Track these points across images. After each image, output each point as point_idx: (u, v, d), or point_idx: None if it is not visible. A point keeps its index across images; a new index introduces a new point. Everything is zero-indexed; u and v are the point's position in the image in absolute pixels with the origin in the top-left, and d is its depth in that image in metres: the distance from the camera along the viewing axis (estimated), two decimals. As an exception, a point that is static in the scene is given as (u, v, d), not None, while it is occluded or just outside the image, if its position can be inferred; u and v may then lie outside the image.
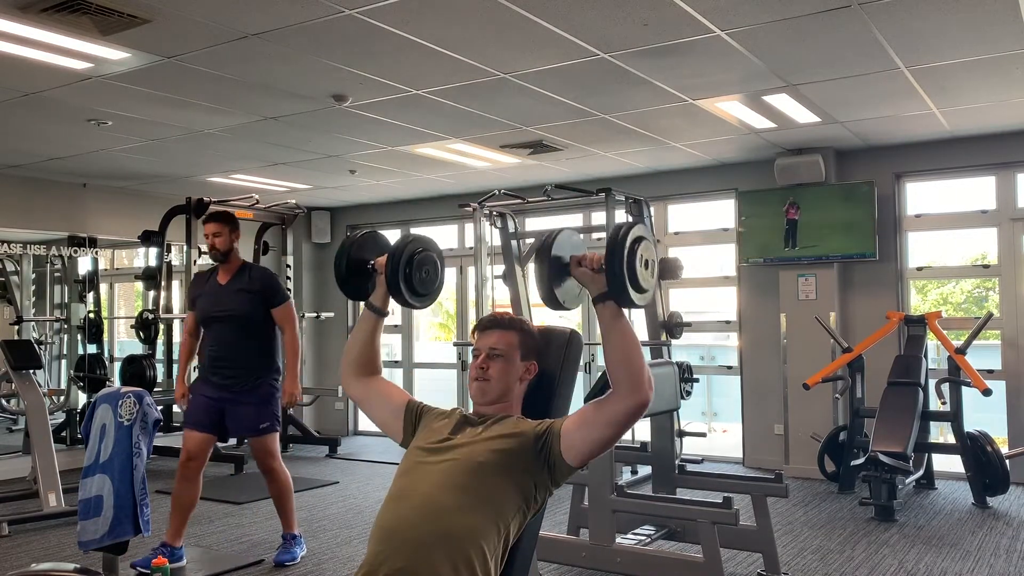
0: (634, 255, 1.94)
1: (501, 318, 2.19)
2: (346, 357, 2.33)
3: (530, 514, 2.02)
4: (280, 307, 4.40)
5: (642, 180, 7.52)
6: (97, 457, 3.44)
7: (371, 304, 2.32)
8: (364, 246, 2.38)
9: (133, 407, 3.47)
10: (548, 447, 1.98)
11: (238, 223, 4.48)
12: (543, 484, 2.01)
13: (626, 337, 1.93)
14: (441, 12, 3.66)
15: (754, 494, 4.16)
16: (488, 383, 2.10)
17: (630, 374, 1.91)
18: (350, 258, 2.35)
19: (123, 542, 3.48)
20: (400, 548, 1.88)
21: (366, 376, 2.32)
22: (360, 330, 2.33)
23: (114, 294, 9.12)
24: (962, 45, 4.24)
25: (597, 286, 1.96)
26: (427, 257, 2.30)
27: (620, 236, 1.95)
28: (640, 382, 1.91)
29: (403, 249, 2.26)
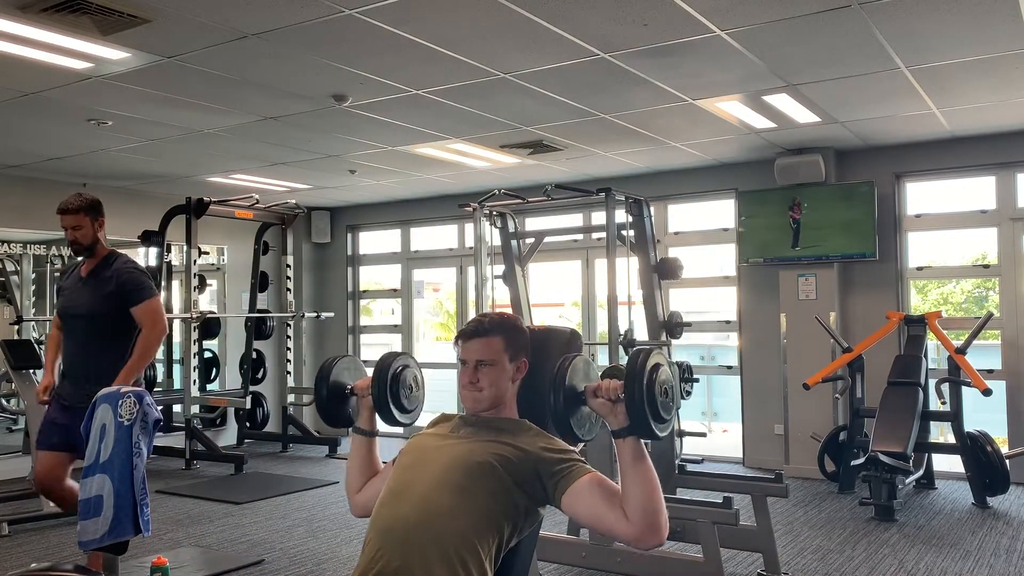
0: (653, 384, 1.88)
1: (481, 324, 2.11)
2: (349, 487, 2.32)
3: (523, 524, 1.98)
4: (141, 305, 3.71)
5: (642, 180, 7.52)
6: (97, 457, 3.43)
7: (359, 428, 2.34)
8: (340, 371, 2.41)
9: (133, 407, 3.46)
10: (555, 484, 1.93)
11: (101, 208, 3.81)
12: (535, 504, 1.97)
13: (648, 479, 1.84)
14: (441, 12, 3.66)
15: (754, 494, 4.16)
16: (481, 393, 2.07)
17: (648, 516, 1.82)
18: (329, 385, 2.37)
19: (123, 542, 3.47)
20: (397, 547, 1.88)
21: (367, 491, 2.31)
22: (356, 456, 2.33)
23: (114, 294, 9.10)
24: (962, 45, 4.24)
25: (616, 419, 1.88)
26: (409, 373, 2.34)
27: (638, 368, 1.87)
28: (657, 527, 1.83)
29: (387, 369, 2.29)
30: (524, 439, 2.00)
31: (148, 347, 3.73)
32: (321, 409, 2.39)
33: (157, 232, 7.52)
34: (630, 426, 1.87)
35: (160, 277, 7.47)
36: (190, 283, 7.39)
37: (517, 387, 2.15)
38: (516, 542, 2.00)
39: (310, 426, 8.82)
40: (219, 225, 8.13)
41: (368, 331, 9.80)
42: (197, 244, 7.46)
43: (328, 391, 2.37)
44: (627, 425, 1.87)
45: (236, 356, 8.67)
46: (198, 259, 7.51)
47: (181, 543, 4.90)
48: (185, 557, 4.61)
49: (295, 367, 8.74)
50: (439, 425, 2.16)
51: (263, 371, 8.57)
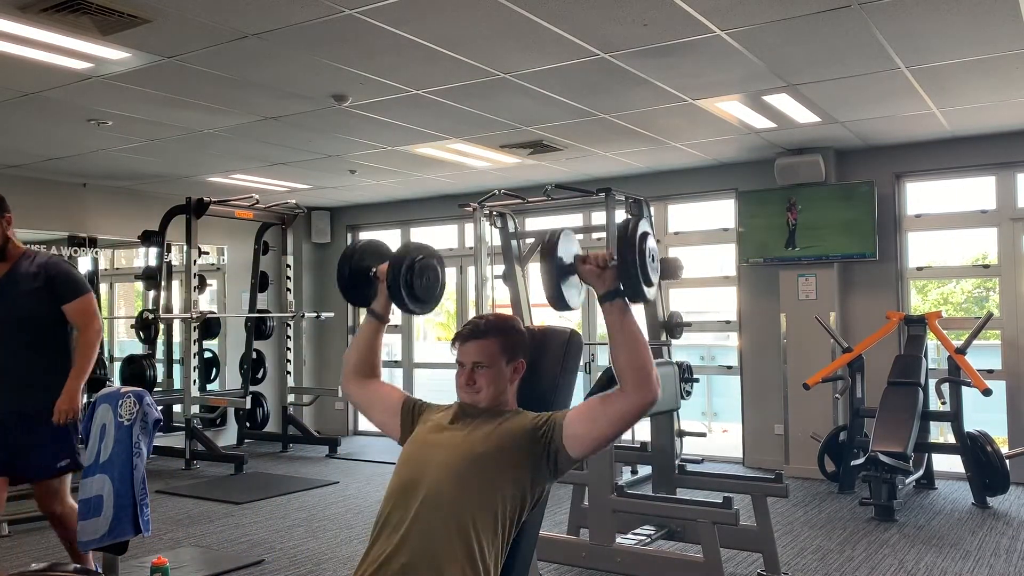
0: (644, 251, 1.99)
1: (477, 326, 2.14)
2: (347, 362, 2.35)
3: (529, 506, 2.02)
4: (75, 302, 3.47)
5: (642, 180, 7.52)
6: (97, 457, 3.43)
7: (373, 311, 2.34)
8: (366, 253, 2.40)
9: (133, 407, 3.46)
10: (549, 437, 1.98)
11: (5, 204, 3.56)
12: (541, 476, 2.01)
13: (635, 336, 1.94)
14: (441, 12, 3.66)
15: (754, 494, 4.16)
16: (479, 393, 2.10)
17: (638, 373, 1.91)
18: (352, 266, 2.37)
19: (123, 542, 3.47)
20: (404, 542, 1.89)
21: (366, 379, 2.34)
22: (362, 336, 2.35)
23: (114, 294, 9.12)
24: (962, 45, 4.24)
25: (604, 284, 1.96)
26: (428, 264, 2.32)
27: (630, 231, 1.99)
28: (648, 381, 1.91)
29: (404, 256, 2.28)
30: (520, 418, 2.05)
31: (90, 349, 3.47)
32: (343, 289, 2.39)
33: (157, 232, 7.52)
34: (623, 287, 1.97)
35: (160, 277, 7.47)
36: (190, 283, 7.39)
37: (516, 387, 2.16)
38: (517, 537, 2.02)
39: (310, 426, 8.82)
40: (219, 225, 8.13)
41: (368, 331, 9.79)
42: (197, 244, 7.46)
43: (351, 271, 2.37)
44: (615, 288, 1.96)
45: (236, 356, 8.67)
46: (198, 259, 7.51)
47: (181, 543, 4.90)
48: (185, 557, 4.61)
49: (295, 367, 8.74)
50: (443, 412, 2.17)
51: (263, 371, 8.57)
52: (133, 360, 7.54)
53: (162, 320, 7.52)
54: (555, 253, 2.05)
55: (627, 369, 1.92)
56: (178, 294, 7.90)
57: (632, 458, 5.61)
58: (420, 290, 2.31)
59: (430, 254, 2.35)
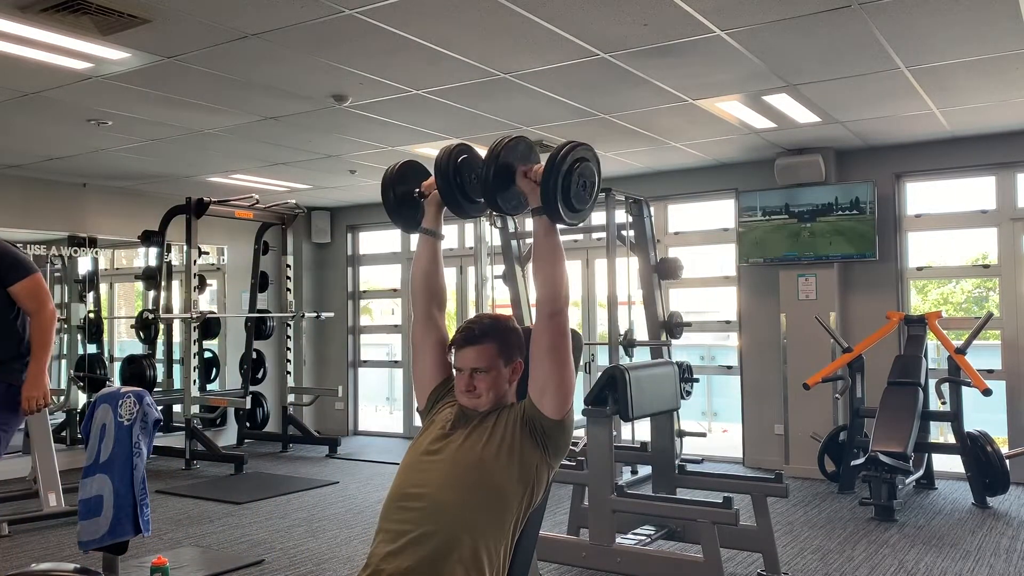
0: (571, 173, 2.02)
1: (472, 332, 2.11)
2: (413, 289, 2.32)
3: (536, 499, 2.02)
4: (21, 283, 3.29)
5: (642, 180, 7.52)
6: (97, 457, 3.44)
7: (425, 228, 2.33)
8: (407, 176, 2.38)
9: (133, 407, 3.47)
10: (531, 417, 2.01)
11: None
12: (544, 463, 2.02)
13: (551, 250, 2.03)
14: (441, 12, 3.66)
15: (754, 494, 4.16)
16: (480, 398, 2.09)
17: (548, 284, 2.01)
18: (396, 192, 2.36)
19: (123, 542, 3.48)
20: (406, 549, 1.88)
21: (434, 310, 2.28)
22: (421, 256, 2.33)
23: (114, 294, 9.13)
24: (962, 45, 4.24)
25: (535, 199, 2.04)
26: (471, 160, 2.24)
27: (562, 153, 2.01)
28: (556, 291, 2.00)
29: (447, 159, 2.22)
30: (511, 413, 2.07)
31: (45, 334, 3.29)
32: (392, 214, 2.38)
33: (157, 232, 7.53)
34: (542, 207, 2.03)
35: (160, 277, 7.48)
36: (190, 283, 7.39)
37: (515, 386, 2.16)
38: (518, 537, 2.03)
39: (310, 426, 8.82)
40: (219, 225, 8.13)
41: (368, 331, 9.79)
42: (197, 244, 7.46)
43: (396, 197, 2.35)
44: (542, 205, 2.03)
45: (236, 356, 8.67)
46: (198, 259, 7.51)
47: (181, 543, 4.90)
48: (185, 557, 4.61)
49: (295, 367, 8.74)
50: (446, 411, 2.16)
51: (263, 371, 8.57)
52: (133, 360, 7.54)
53: (162, 320, 7.53)
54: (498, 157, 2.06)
55: (539, 278, 2.03)
56: (178, 294, 7.91)
57: (632, 458, 5.62)
58: (471, 189, 2.24)
59: (471, 152, 2.26)
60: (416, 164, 2.42)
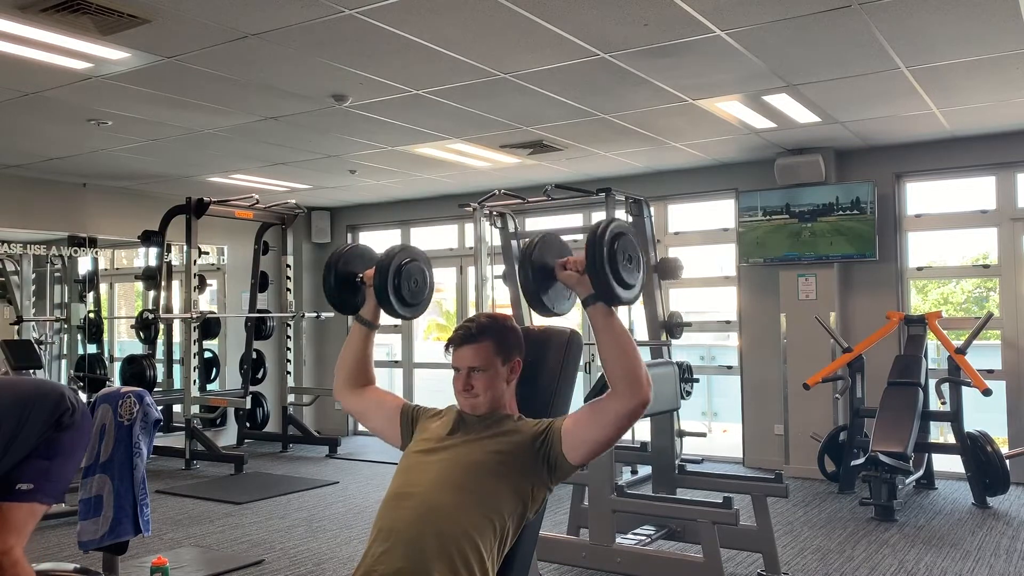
0: (615, 252, 1.94)
1: (469, 331, 2.10)
2: (339, 372, 2.33)
3: (529, 514, 2.01)
4: None
5: (642, 180, 7.52)
6: (97, 457, 3.44)
7: (361, 317, 2.33)
8: (351, 259, 2.38)
9: (133, 407, 3.47)
10: (548, 446, 1.97)
11: None
12: (541, 484, 2.00)
13: (620, 338, 1.91)
14: (441, 12, 3.66)
15: (754, 494, 4.16)
16: (477, 398, 2.07)
17: (627, 375, 1.88)
18: (338, 272, 2.34)
19: (123, 542, 3.48)
20: (398, 549, 1.88)
21: (360, 387, 2.32)
22: (352, 344, 2.33)
23: (114, 294, 9.12)
24: (962, 45, 4.24)
25: (584, 288, 1.94)
26: (415, 267, 2.31)
27: (598, 235, 1.93)
28: (639, 382, 1.88)
29: (391, 260, 2.26)
30: (518, 432, 2.03)
31: None
32: (330, 298, 2.37)
33: (157, 232, 7.53)
34: (596, 292, 1.93)
35: (160, 277, 7.47)
36: (190, 283, 7.39)
37: (514, 387, 2.15)
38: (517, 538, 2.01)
39: (310, 426, 8.82)
40: (219, 225, 8.13)
41: (368, 331, 9.79)
42: (197, 244, 7.46)
43: (336, 279, 2.34)
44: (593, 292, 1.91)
45: (236, 356, 8.67)
46: (198, 259, 7.51)
47: (181, 543, 4.90)
48: (185, 557, 4.61)
49: (295, 367, 8.74)
50: (442, 418, 2.16)
51: (263, 371, 8.57)
52: (133, 360, 7.54)
53: (162, 320, 7.53)
54: (532, 259, 2.03)
55: (616, 373, 1.90)
56: (178, 294, 7.91)
57: (632, 458, 5.62)
58: (408, 294, 2.29)
59: (416, 256, 2.33)
60: (365, 250, 2.44)
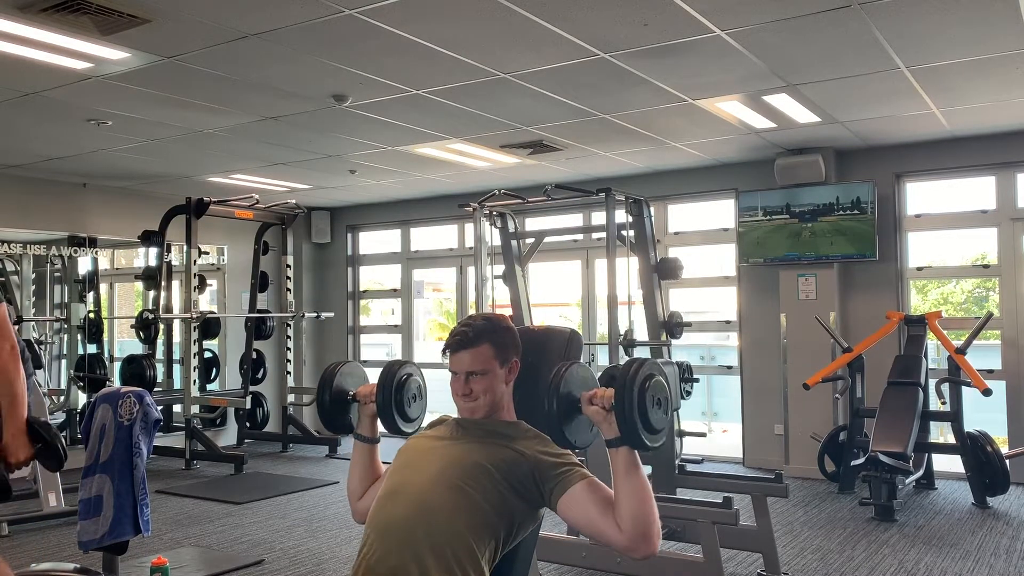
0: (644, 395, 1.87)
1: (466, 335, 2.07)
2: (351, 493, 2.32)
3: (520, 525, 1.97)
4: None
5: (642, 180, 7.52)
6: (97, 457, 3.44)
7: (361, 436, 2.33)
8: (342, 378, 2.40)
9: (133, 407, 3.47)
10: (553, 487, 1.93)
11: None
12: (532, 504, 1.96)
13: (640, 488, 1.85)
14: (441, 12, 3.66)
15: (754, 494, 4.16)
16: (476, 402, 2.05)
17: (639, 527, 1.84)
18: (332, 394, 2.36)
19: (123, 542, 3.48)
20: (393, 547, 1.88)
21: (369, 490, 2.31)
22: (358, 464, 2.33)
23: (114, 294, 9.12)
24: (962, 45, 4.24)
25: (608, 428, 1.88)
26: (414, 381, 2.33)
27: (629, 378, 1.86)
28: (648, 537, 1.85)
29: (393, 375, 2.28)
30: (521, 443, 2.00)
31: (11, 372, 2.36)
32: (324, 416, 2.39)
33: (157, 232, 7.53)
34: (622, 436, 1.86)
35: (160, 277, 7.47)
36: (190, 283, 7.39)
37: (512, 387, 2.14)
38: (515, 543, 2.00)
39: (310, 426, 8.82)
40: (219, 225, 8.13)
41: (368, 331, 9.80)
42: (197, 244, 7.46)
43: (331, 397, 2.36)
44: (619, 435, 1.86)
45: (236, 356, 8.67)
46: (198, 259, 7.51)
47: (181, 543, 4.90)
48: (185, 557, 4.61)
49: (295, 367, 8.74)
50: (437, 427, 2.15)
51: (263, 371, 8.57)
52: (133, 360, 7.54)
53: (162, 320, 7.53)
54: (559, 390, 1.97)
55: (628, 519, 1.84)
56: (178, 294, 7.91)
57: (632, 458, 5.61)
58: (410, 408, 2.30)
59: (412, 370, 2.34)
60: (353, 367, 2.45)
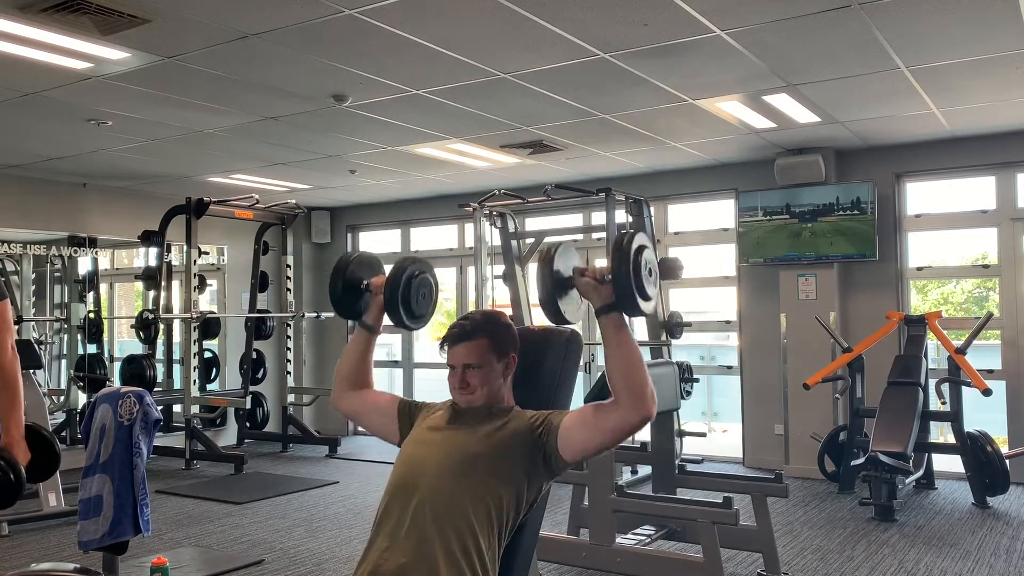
0: (639, 263, 1.95)
1: (464, 327, 2.12)
2: (339, 374, 2.35)
3: (526, 506, 2.01)
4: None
5: (642, 180, 7.52)
6: (97, 457, 3.44)
7: (364, 323, 2.34)
8: (359, 266, 2.40)
9: (133, 407, 3.47)
10: (545, 439, 1.98)
11: None
12: (538, 475, 2.00)
13: (630, 350, 1.91)
14: (441, 12, 3.66)
15: (754, 494, 4.16)
16: (473, 395, 2.09)
17: (633, 389, 1.89)
18: (345, 279, 2.36)
19: (123, 542, 3.48)
20: (402, 542, 1.89)
21: (358, 390, 2.34)
22: (353, 348, 2.35)
23: (114, 294, 9.12)
24: (962, 45, 4.24)
25: (601, 297, 1.95)
26: (425, 280, 2.33)
27: (625, 245, 1.95)
28: (643, 397, 1.89)
29: (403, 270, 2.28)
30: (515, 422, 2.04)
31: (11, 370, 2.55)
32: (335, 302, 2.39)
33: (157, 232, 7.53)
34: (616, 301, 1.93)
35: (160, 277, 7.47)
36: (190, 283, 7.39)
37: (510, 381, 2.16)
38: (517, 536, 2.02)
39: (310, 426, 8.82)
40: (219, 225, 8.13)
41: (368, 331, 9.79)
42: (197, 244, 7.46)
43: (344, 284, 2.36)
44: (612, 301, 1.93)
45: (236, 356, 8.67)
46: (198, 259, 7.51)
47: (181, 543, 4.90)
48: (185, 557, 4.61)
49: (295, 367, 8.74)
50: (437, 412, 2.17)
51: (263, 371, 8.57)
52: (133, 360, 7.54)
53: (162, 320, 7.53)
54: (552, 266, 2.05)
55: (621, 385, 1.90)
56: (178, 294, 7.91)
57: (632, 458, 5.62)
58: (416, 305, 2.31)
59: (425, 268, 2.36)
60: (371, 258, 2.46)
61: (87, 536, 3.41)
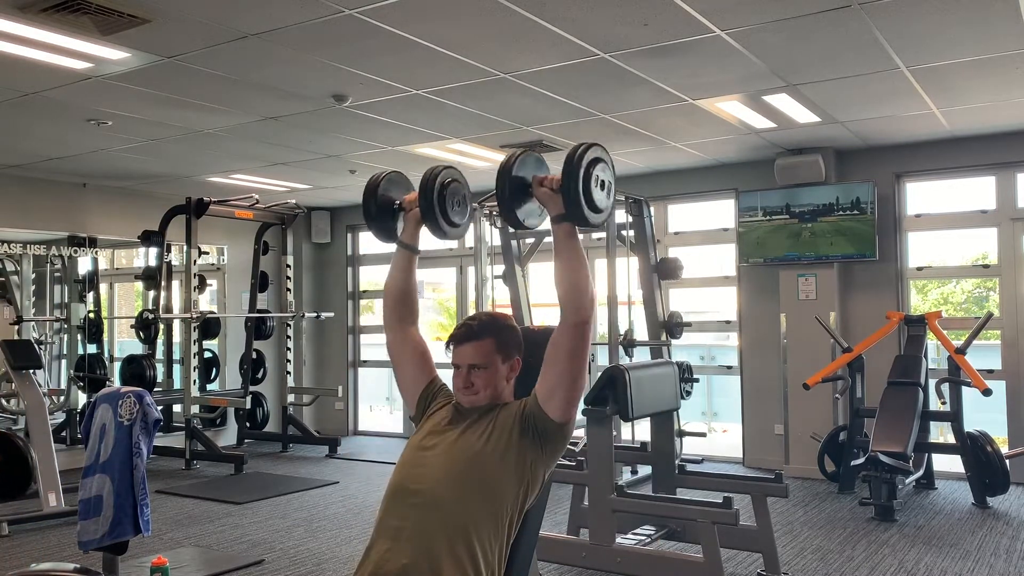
0: (590, 176, 2.03)
1: (471, 328, 2.13)
2: (387, 298, 2.32)
3: (531, 496, 2.02)
4: None
5: (642, 180, 7.52)
6: (97, 457, 3.44)
7: (402, 242, 2.31)
8: (390, 186, 2.37)
9: (133, 407, 3.47)
10: (532, 415, 2.00)
11: None
12: (538, 459, 2.01)
13: (576, 257, 2.00)
14: (441, 12, 3.66)
15: (754, 494, 4.16)
16: (477, 395, 2.09)
17: (574, 292, 1.98)
18: (378, 200, 2.33)
19: (123, 542, 3.48)
20: (404, 544, 1.89)
21: (407, 326, 2.30)
22: (396, 269, 2.32)
23: (114, 294, 9.12)
24: (962, 45, 4.24)
25: (555, 206, 2.04)
26: (458, 188, 2.30)
27: (577, 157, 2.03)
28: (582, 301, 1.98)
29: (435, 177, 2.24)
30: (506, 409, 2.07)
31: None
32: (371, 223, 2.36)
33: (157, 232, 7.53)
34: (566, 212, 2.02)
35: (160, 277, 7.48)
36: (190, 283, 7.39)
37: (513, 384, 2.16)
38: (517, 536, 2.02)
39: (310, 426, 8.82)
40: (219, 225, 8.13)
41: (368, 331, 9.78)
42: (197, 244, 7.46)
43: (377, 206, 2.32)
44: (565, 211, 2.02)
45: (236, 356, 8.67)
46: (198, 259, 7.51)
47: (181, 543, 4.90)
48: (185, 557, 4.61)
49: (295, 367, 8.74)
50: (442, 411, 2.16)
51: (263, 371, 8.57)
52: (133, 360, 7.54)
53: (162, 320, 7.53)
54: (511, 173, 2.08)
55: (564, 286, 1.99)
56: (178, 294, 7.92)
57: (632, 458, 5.62)
58: (452, 213, 2.27)
59: (458, 178, 2.31)
60: (401, 176, 2.42)
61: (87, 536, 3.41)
